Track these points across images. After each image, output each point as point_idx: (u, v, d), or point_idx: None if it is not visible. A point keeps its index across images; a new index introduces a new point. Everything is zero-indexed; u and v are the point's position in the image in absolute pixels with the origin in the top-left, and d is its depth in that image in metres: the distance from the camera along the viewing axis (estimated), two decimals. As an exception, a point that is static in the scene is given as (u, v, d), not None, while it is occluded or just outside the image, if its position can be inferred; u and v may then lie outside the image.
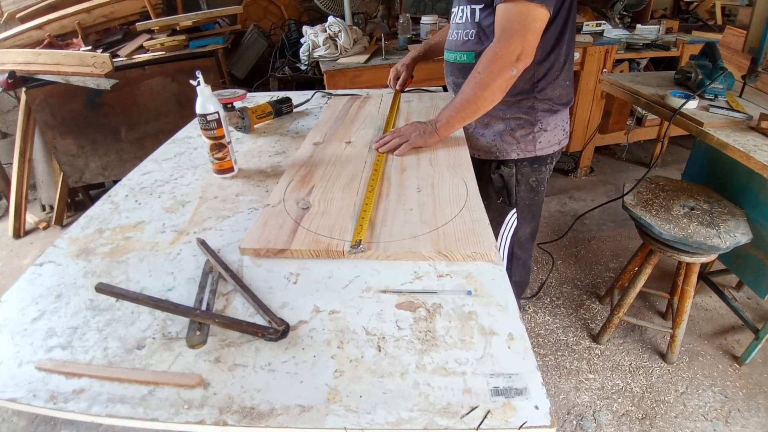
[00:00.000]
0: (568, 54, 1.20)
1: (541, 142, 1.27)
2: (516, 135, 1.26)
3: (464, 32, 1.20)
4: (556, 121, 1.27)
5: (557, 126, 1.28)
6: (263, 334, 0.61)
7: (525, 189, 1.34)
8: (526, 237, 1.48)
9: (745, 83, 1.61)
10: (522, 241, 1.47)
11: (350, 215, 0.85)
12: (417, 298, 0.68)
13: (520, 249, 1.49)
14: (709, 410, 1.54)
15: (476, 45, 1.18)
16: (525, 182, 1.33)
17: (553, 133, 1.28)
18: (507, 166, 1.31)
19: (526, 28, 0.99)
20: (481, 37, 1.16)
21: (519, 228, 1.41)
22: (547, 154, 1.30)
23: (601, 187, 2.96)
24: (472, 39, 1.18)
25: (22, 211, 2.66)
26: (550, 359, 1.75)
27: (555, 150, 1.31)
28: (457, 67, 1.26)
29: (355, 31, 2.39)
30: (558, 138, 1.30)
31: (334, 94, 1.67)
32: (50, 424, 1.58)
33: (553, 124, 1.27)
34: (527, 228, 1.45)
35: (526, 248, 1.52)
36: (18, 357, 0.61)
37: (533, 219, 1.44)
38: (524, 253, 1.53)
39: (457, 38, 1.24)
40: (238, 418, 0.52)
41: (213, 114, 0.99)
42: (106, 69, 2.21)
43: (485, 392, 0.54)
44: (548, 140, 1.28)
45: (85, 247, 0.85)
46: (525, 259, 1.55)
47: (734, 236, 1.38)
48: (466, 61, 1.21)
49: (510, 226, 1.39)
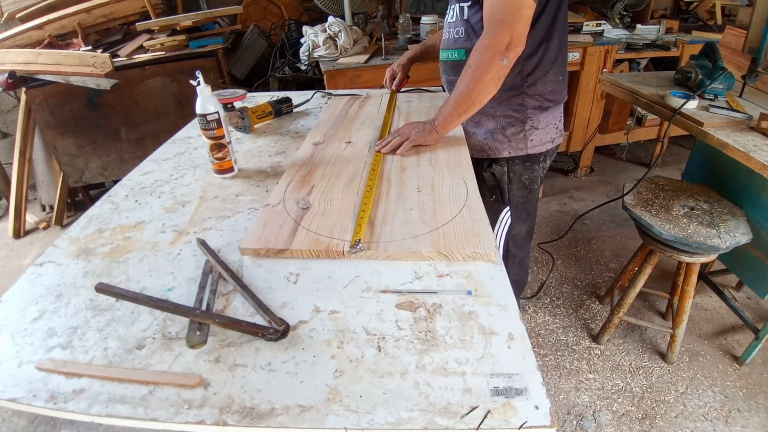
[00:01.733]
0: (560, 49, 1.19)
1: (532, 140, 1.26)
2: (507, 133, 1.26)
3: (454, 30, 1.21)
4: (548, 119, 1.27)
5: (549, 124, 1.27)
6: (263, 334, 0.61)
7: (518, 187, 1.34)
8: (522, 235, 1.48)
9: (745, 83, 1.61)
10: (518, 240, 1.47)
11: (350, 215, 0.85)
12: (417, 298, 0.68)
13: (516, 247, 1.49)
14: (709, 410, 1.54)
15: (466, 42, 1.18)
16: (517, 180, 1.33)
17: (545, 131, 1.27)
18: (499, 164, 1.31)
19: (513, 16, 0.99)
20: (470, 34, 1.17)
21: (513, 226, 1.41)
22: (539, 152, 1.29)
23: (601, 187, 2.96)
24: (462, 36, 1.19)
25: (22, 211, 2.66)
26: (550, 359, 1.75)
27: (548, 148, 1.30)
28: (449, 65, 1.28)
29: (355, 31, 2.39)
30: (551, 136, 1.29)
31: (334, 94, 1.67)
32: (50, 424, 1.58)
33: (544, 121, 1.26)
34: (522, 226, 1.45)
35: (523, 246, 1.52)
36: (18, 357, 0.61)
37: (528, 217, 1.44)
38: (520, 251, 1.52)
39: (448, 37, 1.25)
40: (238, 418, 0.52)
41: (213, 114, 0.99)
42: (106, 69, 2.21)
43: (485, 392, 0.54)
44: (540, 138, 1.27)
45: (85, 247, 0.85)
46: (521, 257, 1.55)
47: (734, 236, 1.38)
48: (457, 59, 1.22)
49: (504, 224, 1.38)
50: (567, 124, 2.84)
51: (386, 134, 1.21)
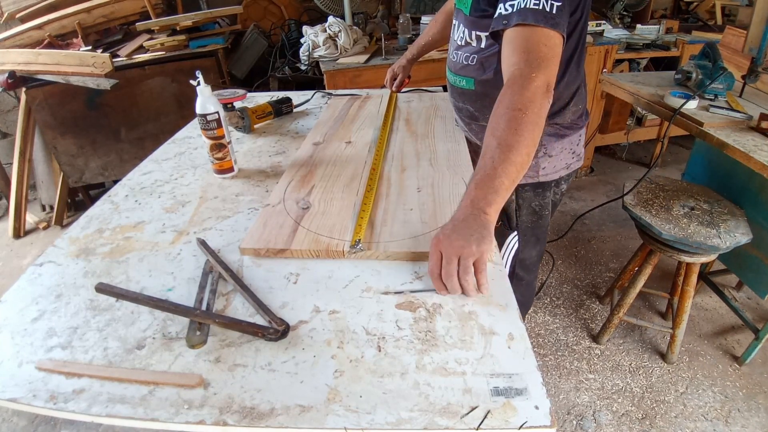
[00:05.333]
0: (580, 82, 1.10)
1: (545, 168, 1.17)
2: None
3: (464, 55, 1.09)
4: (563, 145, 1.16)
5: (564, 150, 1.17)
6: (263, 334, 0.61)
7: (527, 213, 1.25)
8: (532, 260, 1.37)
9: (745, 83, 1.61)
10: (527, 264, 1.37)
11: (350, 215, 0.85)
12: (417, 298, 0.68)
13: (525, 271, 1.38)
14: (709, 410, 1.54)
15: (477, 72, 1.08)
16: (527, 207, 1.24)
17: (559, 157, 1.17)
18: None
19: (553, 53, 0.82)
20: (483, 64, 1.05)
21: (522, 250, 1.31)
22: (551, 180, 1.19)
23: (601, 187, 2.96)
24: (473, 65, 1.08)
25: (22, 211, 2.66)
26: (550, 359, 1.75)
27: (562, 175, 1.20)
28: (458, 92, 1.17)
29: (355, 31, 2.39)
30: (566, 162, 1.19)
31: (334, 94, 1.67)
32: (50, 424, 1.58)
33: (559, 148, 1.16)
34: (532, 251, 1.34)
35: (531, 270, 1.41)
36: (18, 357, 0.61)
37: (537, 242, 1.33)
38: (528, 275, 1.41)
39: (456, 59, 1.12)
40: (238, 418, 0.52)
41: (213, 114, 0.99)
42: (106, 69, 2.21)
43: (485, 392, 0.54)
44: (554, 166, 1.18)
45: (85, 247, 0.85)
46: (529, 281, 1.45)
47: (734, 236, 1.38)
48: (466, 87, 1.13)
49: (511, 248, 1.28)
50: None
51: (386, 136, 1.20)
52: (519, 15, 0.82)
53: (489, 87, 1.07)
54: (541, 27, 0.81)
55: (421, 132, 1.24)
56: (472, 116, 1.18)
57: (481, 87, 1.09)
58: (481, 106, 1.13)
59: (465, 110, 1.18)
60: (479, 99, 1.12)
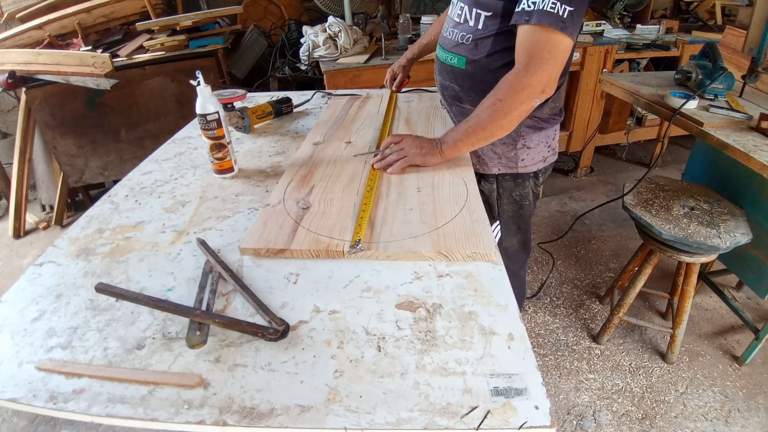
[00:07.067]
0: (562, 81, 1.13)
1: (524, 159, 1.22)
2: (497, 150, 1.21)
3: (460, 33, 1.12)
4: (540, 138, 1.21)
5: (541, 143, 1.22)
6: (263, 334, 0.61)
7: (508, 202, 1.30)
8: (515, 248, 1.42)
9: (745, 83, 1.61)
10: (509, 252, 1.41)
11: (350, 215, 0.85)
12: (417, 298, 0.68)
13: (509, 260, 1.40)
14: (709, 410, 1.54)
15: (470, 52, 1.10)
16: (507, 196, 1.29)
17: (536, 150, 1.22)
18: (487, 180, 1.27)
19: (556, 57, 0.91)
20: (478, 44, 1.08)
21: (504, 239, 1.37)
22: (529, 171, 1.24)
23: (601, 187, 2.97)
24: (467, 44, 1.10)
25: (22, 211, 2.66)
26: (550, 359, 1.75)
27: (539, 168, 1.26)
28: (446, 69, 1.19)
29: (355, 31, 2.39)
30: (543, 155, 1.24)
31: (334, 94, 1.67)
32: (50, 424, 1.58)
33: (536, 140, 1.21)
34: (513, 239, 1.39)
35: (516, 259, 1.46)
36: (18, 357, 0.61)
37: (519, 231, 1.38)
38: (513, 264, 1.45)
39: (451, 36, 1.14)
40: (238, 418, 0.52)
41: (213, 114, 0.99)
42: (106, 69, 2.21)
43: (485, 392, 0.54)
44: (532, 158, 1.23)
45: (85, 247, 0.85)
46: (515, 270, 1.48)
47: (734, 236, 1.38)
48: (456, 65, 1.14)
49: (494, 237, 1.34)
50: (567, 124, 2.85)
51: (386, 136, 1.20)
52: (537, 15, 0.90)
53: (479, 68, 1.10)
54: (552, 30, 0.89)
55: (421, 132, 1.24)
56: (455, 96, 1.19)
57: (471, 67, 1.11)
58: (468, 87, 1.14)
59: (450, 89, 1.19)
60: (467, 79, 1.13)
